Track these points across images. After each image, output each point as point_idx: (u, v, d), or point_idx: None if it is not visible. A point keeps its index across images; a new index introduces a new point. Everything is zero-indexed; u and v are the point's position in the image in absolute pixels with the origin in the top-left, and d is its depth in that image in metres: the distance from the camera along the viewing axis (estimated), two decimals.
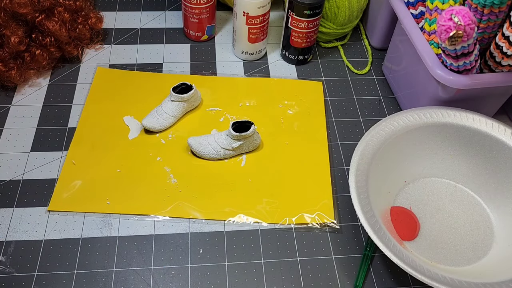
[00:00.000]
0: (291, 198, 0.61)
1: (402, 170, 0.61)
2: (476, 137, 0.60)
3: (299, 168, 0.64)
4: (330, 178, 0.63)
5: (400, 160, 0.61)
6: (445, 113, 0.60)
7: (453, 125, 0.60)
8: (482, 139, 0.60)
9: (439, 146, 0.62)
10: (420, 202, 0.61)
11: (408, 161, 0.61)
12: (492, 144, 0.59)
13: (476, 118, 0.60)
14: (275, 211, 0.60)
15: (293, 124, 0.69)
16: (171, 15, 0.83)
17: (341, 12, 0.74)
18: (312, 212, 0.60)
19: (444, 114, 0.60)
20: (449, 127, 0.60)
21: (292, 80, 0.74)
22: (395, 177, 0.61)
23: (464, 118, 0.60)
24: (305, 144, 0.66)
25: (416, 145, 0.61)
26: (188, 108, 0.68)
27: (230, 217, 0.59)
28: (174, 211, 0.59)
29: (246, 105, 0.70)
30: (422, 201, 0.61)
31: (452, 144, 0.61)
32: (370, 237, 0.49)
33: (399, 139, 0.59)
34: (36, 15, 0.68)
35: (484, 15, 0.56)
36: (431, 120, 0.60)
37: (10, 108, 0.68)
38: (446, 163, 0.62)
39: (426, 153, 0.62)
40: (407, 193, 0.61)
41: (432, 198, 0.61)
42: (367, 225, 0.50)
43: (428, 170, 0.63)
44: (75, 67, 0.74)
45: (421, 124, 0.60)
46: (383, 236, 0.49)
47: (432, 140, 0.61)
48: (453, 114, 0.60)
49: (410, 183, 0.62)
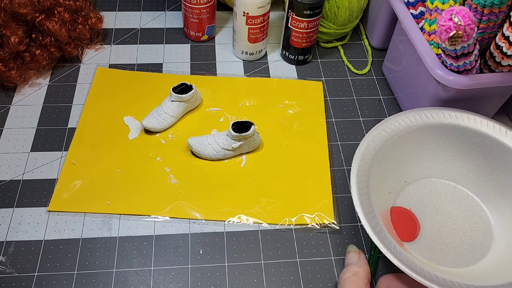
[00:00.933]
0: (291, 198, 0.61)
1: (403, 170, 0.61)
2: (477, 139, 0.60)
3: (299, 168, 0.64)
4: (330, 178, 0.63)
5: (401, 161, 0.60)
6: (446, 114, 0.60)
7: (454, 126, 0.60)
8: (483, 141, 0.60)
9: (439, 147, 0.62)
10: (420, 202, 0.61)
11: (409, 162, 0.61)
12: (493, 146, 0.59)
13: (477, 120, 0.60)
14: (275, 211, 0.60)
15: (293, 124, 0.69)
16: (171, 15, 0.83)
17: (341, 12, 0.74)
18: (312, 213, 0.60)
19: (446, 115, 0.60)
20: (450, 128, 0.60)
21: (292, 80, 0.74)
22: (395, 177, 0.61)
23: (466, 119, 0.60)
24: (305, 144, 0.66)
25: (417, 146, 0.61)
26: (188, 108, 0.68)
27: (230, 217, 0.59)
28: (174, 211, 0.59)
29: (246, 105, 0.70)
30: (422, 201, 0.61)
31: (453, 145, 0.61)
32: (371, 238, 0.49)
33: (400, 139, 0.59)
34: (36, 15, 0.68)
35: (484, 15, 0.55)
36: (432, 121, 0.60)
37: (10, 108, 0.68)
38: (446, 164, 0.62)
39: (426, 153, 0.62)
40: (407, 194, 0.61)
41: (431, 199, 0.61)
42: (368, 227, 0.50)
43: (428, 171, 0.63)
44: (75, 67, 0.74)
45: (422, 125, 0.60)
46: (384, 238, 0.49)
47: (433, 140, 0.61)
48: (454, 115, 0.60)
49: (410, 184, 0.62)
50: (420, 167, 0.62)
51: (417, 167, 0.62)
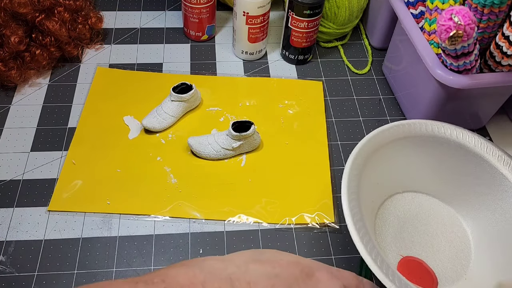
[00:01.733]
0: (291, 198, 0.61)
1: (385, 184, 0.59)
2: (460, 151, 0.57)
3: (299, 168, 0.64)
4: (330, 178, 0.63)
5: (384, 173, 0.58)
6: (429, 126, 0.57)
7: (434, 137, 0.57)
8: (467, 154, 0.57)
9: (420, 159, 0.59)
10: (401, 217, 0.59)
11: (394, 174, 0.59)
12: (478, 161, 0.56)
13: (459, 133, 0.57)
14: (275, 211, 0.60)
15: (293, 124, 0.69)
16: (171, 15, 0.83)
17: (341, 12, 0.74)
18: (312, 212, 0.60)
19: (428, 127, 0.57)
20: (431, 140, 0.57)
21: (292, 80, 0.74)
22: (379, 189, 0.59)
23: (448, 131, 0.57)
24: (305, 144, 0.66)
25: (399, 158, 0.58)
26: (188, 108, 0.68)
27: (230, 217, 0.59)
28: (174, 211, 0.59)
29: (246, 105, 0.70)
30: (403, 216, 0.59)
31: (433, 157, 0.59)
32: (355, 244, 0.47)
33: (382, 151, 0.56)
34: (36, 15, 0.68)
35: (484, 15, 0.55)
36: (414, 132, 0.57)
37: (10, 108, 0.68)
38: (425, 177, 0.60)
39: (406, 166, 0.60)
40: (388, 206, 0.60)
41: (411, 214, 0.59)
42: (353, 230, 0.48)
43: (408, 184, 0.61)
44: (75, 67, 0.74)
45: (403, 136, 0.57)
46: (376, 259, 0.46)
47: (414, 152, 0.59)
48: (436, 127, 0.57)
49: (392, 197, 0.60)
50: (401, 180, 0.61)
51: (399, 180, 0.60)
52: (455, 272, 0.56)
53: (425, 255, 0.57)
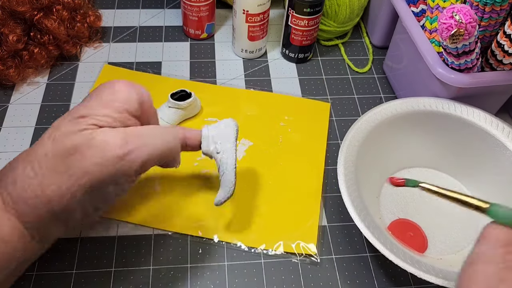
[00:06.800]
0: (273, 222, 0.58)
1: (386, 161, 0.61)
2: (466, 129, 0.60)
3: (288, 193, 0.60)
4: (320, 206, 0.60)
5: (383, 151, 0.60)
6: (433, 103, 0.61)
7: (432, 112, 0.60)
8: (468, 128, 0.60)
9: (422, 135, 0.62)
10: (406, 195, 0.61)
11: (392, 151, 0.62)
12: (481, 135, 0.59)
13: (464, 109, 0.60)
14: (254, 233, 0.57)
15: (292, 144, 0.65)
16: (170, 13, 0.83)
17: (341, 10, 0.74)
18: (293, 240, 0.56)
19: (433, 104, 0.60)
20: (433, 116, 0.60)
21: (298, 98, 0.71)
22: (380, 166, 0.61)
23: (452, 108, 0.60)
24: (299, 168, 0.63)
25: (398, 135, 0.61)
26: (186, 116, 0.66)
27: (215, 234, 0.56)
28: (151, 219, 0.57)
29: (246, 118, 0.68)
30: (408, 194, 0.61)
31: (435, 132, 0.61)
32: (362, 233, 0.49)
33: (380, 129, 0.59)
34: (34, 13, 0.68)
35: (485, 13, 0.55)
36: (412, 109, 0.60)
37: (8, 107, 0.67)
38: (430, 153, 0.63)
39: (407, 142, 0.62)
40: (391, 188, 0.61)
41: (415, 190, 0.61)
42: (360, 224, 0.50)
43: (412, 160, 0.63)
44: (73, 65, 0.73)
45: (403, 114, 0.60)
46: (380, 236, 0.49)
47: (418, 128, 0.61)
48: (441, 104, 0.60)
49: (396, 173, 0.63)
50: (403, 156, 0.63)
51: (400, 156, 0.62)
52: (456, 243, 0.57)
53: (429, 221, 0.59)
